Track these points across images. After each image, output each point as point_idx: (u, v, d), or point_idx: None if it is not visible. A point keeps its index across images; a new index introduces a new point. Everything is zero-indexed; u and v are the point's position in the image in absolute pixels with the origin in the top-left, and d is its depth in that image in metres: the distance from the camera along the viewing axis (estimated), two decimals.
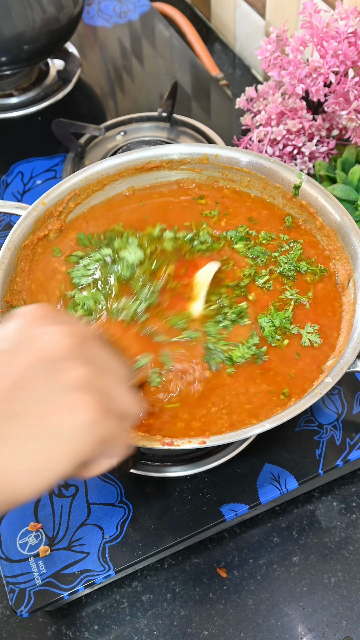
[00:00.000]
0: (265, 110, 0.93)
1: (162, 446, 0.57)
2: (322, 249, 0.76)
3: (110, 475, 0.74)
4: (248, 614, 0.70)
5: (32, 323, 0.46)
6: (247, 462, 0.74)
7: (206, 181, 0.83)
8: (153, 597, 0.72)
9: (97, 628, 0.70)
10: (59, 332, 0.45)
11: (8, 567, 0.68)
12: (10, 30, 0.98)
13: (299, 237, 0.77)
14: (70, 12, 1.04)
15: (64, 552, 0.69)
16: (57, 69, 1.19)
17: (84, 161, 1.05)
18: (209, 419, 0.63)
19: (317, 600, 0.71)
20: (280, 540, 0.75)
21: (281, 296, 0.71)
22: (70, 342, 0.45)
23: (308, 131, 0.92)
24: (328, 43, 0.85)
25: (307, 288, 0.73)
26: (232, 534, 0.75)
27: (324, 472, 0.74)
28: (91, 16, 1.31)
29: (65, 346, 0.44)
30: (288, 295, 0.71)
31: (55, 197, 0.76)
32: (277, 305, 0.71)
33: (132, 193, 0.82)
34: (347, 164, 0.91)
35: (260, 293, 0.72)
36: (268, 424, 0.58)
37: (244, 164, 0.80)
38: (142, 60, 1.23)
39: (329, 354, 0.67)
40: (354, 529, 0.75)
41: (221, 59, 1.31)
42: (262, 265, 0.74)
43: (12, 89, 1.14)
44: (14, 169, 1.05)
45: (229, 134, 1.07)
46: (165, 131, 1.08)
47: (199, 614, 0.70)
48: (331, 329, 0.70)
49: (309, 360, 0.67)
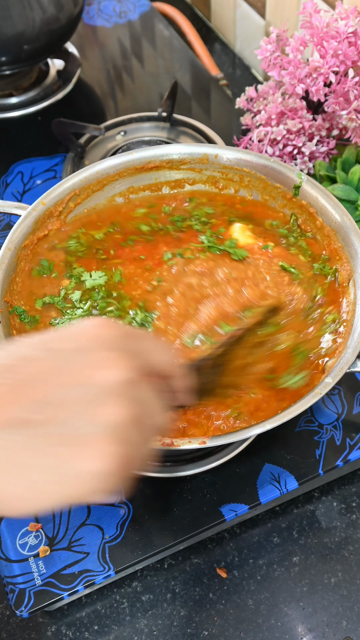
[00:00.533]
0: (265, 110, 0.93)
1: (161, 446, 0.57)
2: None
3: None
4: (248, 614, 0.70)
5: (97, 339, 0.41)
6: (247, 462, 0.74)
7: (206, 181, 0.83)
8: (153, 598, 0.72)
9: (97, 628, 0.70)
10: (120, 362, 0.40)
11: (8, 567, 0.68)
12: (10, 30, 0.98)
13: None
14: (70, 12, 1.04)
15: (64, 552, 0.69)
16: (57, 69, 1.19)
17: (83, 161, 1.05)
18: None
19: (317, 600, 0.71)
20: (281, 540, 0.75)
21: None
22: (124, 377, 0.40)
23: (308, 131, 0.92)
24: (328, 43, 0.85)
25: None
26: (232, 534, 0.75)
27: (324, 472, 0.74)
28: (91, 16, 1.31)
29: (118, 379, 0.40)
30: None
31: (55, 197, 0.76)
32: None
33: (128, 201, 0.82)
34: (347, 164, 0.91)
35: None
36: (268, 424, 0.58)
37: (244, 164, 0.80)
38: (142, 60, 1.23)
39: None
40: (354, 529, 0.75)
41: (221, 59, 1.31)
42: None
43: (12, 89, 1.14)
44: (13, 169, 1.05)
45: (229, 134, 1.07)
46: (165, 131, 1.08)
47: (199, 614, 0.70)
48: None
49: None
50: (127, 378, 0.40)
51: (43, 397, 0.38)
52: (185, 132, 1.08)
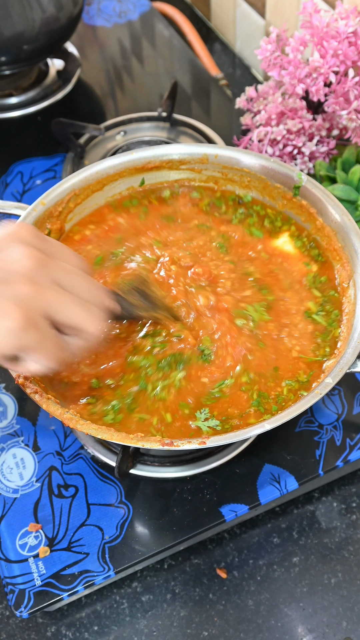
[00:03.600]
0: (265, 110, 0.93)
1: (161, 446, 0.57)
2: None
3: (110, 476, 0.74)
4: (248, 615, 0.70)
5: (12, 237, 0.54)
6: (247, 463, 0.74)
7: (206, 181, 0.83)
8: (153, 598, 0.72)
9: (96, 629, 0.70)
10: (25, 253, 0.53)
11: (7, 568, 0.68)
12: (10, 30, 0.98)
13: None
14: (70, 11, 1.04)
15: (64, 553, 0.69)
16: (57, 68, 1.19)
17: (83, 161, 1.05)
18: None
19: (317, 600, 0.71)
20: (281, 540, 0.75)
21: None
22: (31, 265, 0.52)
23: (308, 131, 0.92)
24: (328, 43, 0.85)
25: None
26: (232, 534, 0.75)
27: (324, 472, 0.74)
28: (91, 16, 1.31)
29: (26, 266, 0.52)
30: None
31: (54, 197, 0.76)
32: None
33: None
34: (347, 164, 0.91)
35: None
36: (268, 425, 0.58)
37: (244, 164, 0.80)
38: (142, 60, 1.23)
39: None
40: (354, 530, 0.75)
41: (221, 59, 1.31)
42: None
43: (12, 89, 1.14)
44: (13, 169, 1.05)
45: (229, 134, 1.07)
46: (165, 131, 1.08)
47: (198, 615, 0.70)
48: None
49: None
50: (35, 265, 0.52)
51: None
52: (185, 132, 1.08)
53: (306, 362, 0.67)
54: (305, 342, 0.69)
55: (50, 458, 0.75)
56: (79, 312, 0.54)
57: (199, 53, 1.27)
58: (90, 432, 0.59)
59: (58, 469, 0.74)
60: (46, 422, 0.78)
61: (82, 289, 0.56)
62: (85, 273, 0.58)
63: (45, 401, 0.61)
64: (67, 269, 0.55)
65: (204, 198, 0.82)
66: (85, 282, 0.56)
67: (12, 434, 0.77)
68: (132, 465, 0.72)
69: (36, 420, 0.78)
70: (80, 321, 0.55)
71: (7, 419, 0.78)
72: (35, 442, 0.76)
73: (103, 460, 0.74)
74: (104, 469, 0.74)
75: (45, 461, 0.75)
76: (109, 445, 0.75)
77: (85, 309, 0.55)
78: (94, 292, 0.57)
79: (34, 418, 0.78)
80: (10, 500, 0.72)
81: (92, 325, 0.55)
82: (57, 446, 0.76)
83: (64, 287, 0.54)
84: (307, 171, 0.94)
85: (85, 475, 0.74)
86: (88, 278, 0.58)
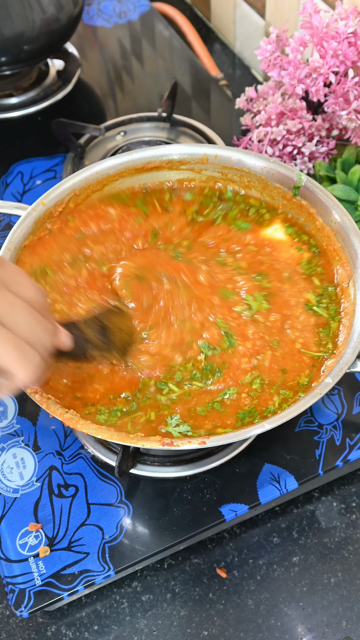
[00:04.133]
0: (265, 111, 0.93)
1: (161, 446, 0.58)
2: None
3: (110, 476, 0.74)
4: (248, 614, 0.70)
5: None
6: (247, 462, 0.74)
7: (206, 181, 0.83)
8: (153, 598, 0.72)
9: (96, 628, 0.70)
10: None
11: (8, 568, 0.68)
12: (10, 30, 0.98)
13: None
14: (70, 12, 1.04)
15: (64, 553, 0.69)
16: (57, 69, 1.19)
17: (83, 161, 1.05)
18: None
19: (317, 600, 0.71)
20: (280, 540, 0.75)
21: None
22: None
23: (308, 131, 0.92)
24: (328, 43, 0.85)
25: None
26: (232, 534, 0.75)
27: (323, 472, 0.74)
28: (91, 16, 1.31)
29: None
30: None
31: (55, 198, 0.76)
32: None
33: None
34: (347, 164, 0.91)
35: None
36: (268, 424, 0.58)
37: (244, 164, 0.80)
38: (142, 61, 1.23)
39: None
40: (353, 529, 0.75)
41: (221, 59, 1.31)
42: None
43: (12, 89, 1.14)
44: (13, 169, 1.05)
45: (229, 134, 1.07)
46: (165, 131, 1.08)
47: (198, 614, 0.70)
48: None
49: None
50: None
51: None
52: (185, 132, 1.09)
53: (310, 358, 0.68)
54: (308, 334, 0.69)
55: (50, 458, 0.75)
56: (10, 353, 0.49)
57: (199, 53, 1.27)
58: (90, 432, 0.59)
59: (58, 468, 0.74)
60: (46, 422, 0.78)
61: (24, 328, 0.51)
62: (39, 307, 0.53)
63: (46, 401, 0.61)
64: (11, 302, 0.51)
65: (195, 201, 0.82)
66: (29, 320, 0.51)
67: (12, 434, 0.77)
68: (132, 465, 0.72)
69: (36, 420, 0.78)
70: (10, 364, 0.49)
71: (7, 418, 0.79)
72: (35, 441, 0.76)
73: (103, 460, 0.75)
74: (104, 468, 0.75)
75: (46, 461, 0.75)
76: (109, 445, 0.75)
77: (20, 350, 0.50)
78: (37, 332, 0.52)
79: (34, 418, 0.78)
80: (11, 499, 0.72)
81: (22, 370, 0.50)
82: (57, 446, 0.76)
83: (3, 323, 0.49)
84: (307, 171, 0.94)
85: (85, 475, 0.74)
86: (34, 315, 0.52)
